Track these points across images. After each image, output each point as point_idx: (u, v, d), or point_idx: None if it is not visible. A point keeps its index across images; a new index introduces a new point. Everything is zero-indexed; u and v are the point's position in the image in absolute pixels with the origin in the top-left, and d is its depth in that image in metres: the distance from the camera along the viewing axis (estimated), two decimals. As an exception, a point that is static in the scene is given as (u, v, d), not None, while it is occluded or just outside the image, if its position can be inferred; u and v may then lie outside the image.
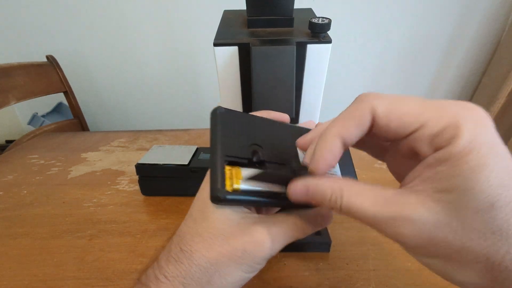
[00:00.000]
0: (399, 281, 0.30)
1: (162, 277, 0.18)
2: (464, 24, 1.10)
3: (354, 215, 0.16)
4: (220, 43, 0.28)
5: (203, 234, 0.19)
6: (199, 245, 0.18)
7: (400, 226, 0.14)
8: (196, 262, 0.18)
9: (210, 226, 0.19)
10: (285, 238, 0.20)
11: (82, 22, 1.11)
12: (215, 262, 0.18)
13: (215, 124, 0.20)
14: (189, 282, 0.18)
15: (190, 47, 1.17)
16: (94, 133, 0.68)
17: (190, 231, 0.19)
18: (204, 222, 0.19)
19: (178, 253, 0.19)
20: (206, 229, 0.19)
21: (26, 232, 0.38)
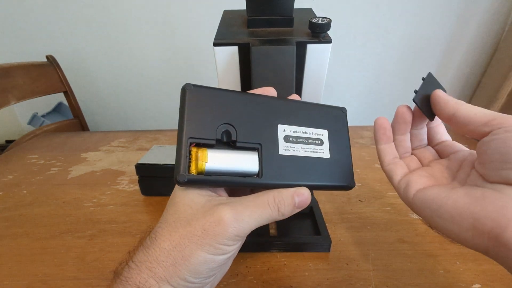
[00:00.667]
0: (399, 281, 0.30)
1: (132, 264, 0.19)
2: (464, 24, 1.10)
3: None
4: (220, 43, 0.28)
5: (169, 219, 0.20)
6: (164, 230, 0.19)
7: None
8: (160, 246, 0.19)
9: (175, 211, 0.20)
10: (254, 217, 0.19)
11: (82, 22, 1.11)
12: (177, 244, 0.18)
13: (183, 103, 0.20)
14: (154, 266, 0.18)
15: (190, 47, 1.17)
16: (94, 133, 0.68)
17: (160, 220, 0.20)
18: (171, 208, 0.20)
19: (147, 239, 0.20)
20: (172, 214, 0.20)
21: (26, 232, 0.38)
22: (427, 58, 1.19)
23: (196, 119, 0.19)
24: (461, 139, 0.60)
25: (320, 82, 0.30)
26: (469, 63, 1.20)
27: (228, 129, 0.20)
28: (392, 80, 1.25)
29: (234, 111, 0.21)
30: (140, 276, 0.18)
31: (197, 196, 0.20)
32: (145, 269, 0.18)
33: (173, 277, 0.18)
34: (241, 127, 0.20)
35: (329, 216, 0.39)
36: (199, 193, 0.20)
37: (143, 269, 0.18)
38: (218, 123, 0.20)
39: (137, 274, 0.18)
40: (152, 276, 0.18)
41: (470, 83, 1.25)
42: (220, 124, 0.20)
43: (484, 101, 1.16)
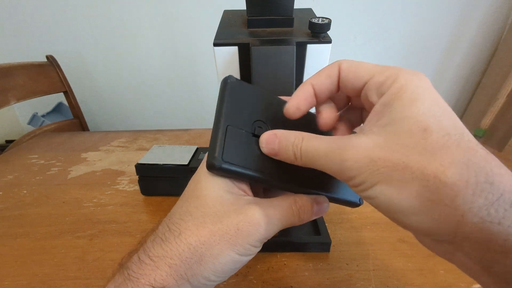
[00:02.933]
0: (399, 281, 0.30)
1: (146, 258, 0.17)
2: (464, 24, 1.10)
3: (311, 157, 0.17)
4: (220, 43, 0.28)
5: (194, 212, 0.18)
6: (189, 223, 0.17)
7: (345, 152, 0.15)
8: (185, 241, 0.17)
9: (201, 204, 0.18)
10: (281, 221, 0.19)
11: (82, 22, 1.11)
12: (206, 240, 0.17)
13: (223, 93, 0.20)
14: (176, 262, 0.17)
15: (190, 47, 1.17)
16: (94, 133, 0.68)
17: (179, 210, 0.18)
18: (195, 201, 0.18)
19: (166, 233, 0.18)
20: (198, 207, 0.18)
21: (26, 232, 0.38)
22: (427, 58, 1.19)
23: (235, 110, 0.20)
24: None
25: (320, 82, 0.30)
26: (469, 63, 1.20)
27: (262, 127, 0.20)
28: (392, 80, 1.25)
29: (270, 111, 0.21)
30: (156, 273, 0.16)
31: (226, 193, 0.19)
32: (164, 265, 0.16)
33: (196, 276, 0.17)
34: (273, 126, 0.21)
35: (329, 216, 0.39)
36: (227, 190, 0.19)
37: (161, 265, 0.16)
38: (254, 118, 0.20)
39: (152, 271, 0.16)
40: (171, 274, 0.16)
41: (470, 83, 1.25)
42: (256, 120, 0.20)
43: (484, 101, 1.16)
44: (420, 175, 0.13)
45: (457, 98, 1.30)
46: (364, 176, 0.15)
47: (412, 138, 0.14)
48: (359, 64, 0.18)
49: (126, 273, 0.17)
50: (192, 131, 0.65)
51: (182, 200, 0.19)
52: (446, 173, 0.13)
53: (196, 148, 0.44)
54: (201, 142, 0.60)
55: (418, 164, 0.13)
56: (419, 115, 0.14)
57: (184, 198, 0.19)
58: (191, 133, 0.64)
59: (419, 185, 0.13)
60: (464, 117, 1.31)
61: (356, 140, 0.15)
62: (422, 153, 0.13)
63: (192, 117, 1.37)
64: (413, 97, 0.15)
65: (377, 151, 0.14)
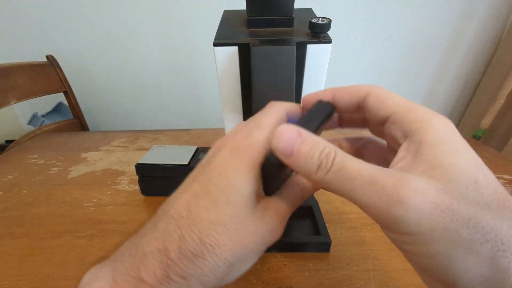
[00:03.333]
0: (399, 281, 0.30)
1: (176, 276, 0.15)
2: (464, 24, 1.10)
3: (345, 179, 0.14)
4: (220, 43, 0.28)
5: (228, 223, 0.16)
6: (225, 237, 0.16)
7: (403, 190, 0.13)
8: (222, 257, 0.16)
9: (235, 214, 0.16)
10: (290, 211, 0.19)
11: (82, 22, 1.11)
12: (240, 255, 0.16)
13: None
14: (210, 279, 0.16)
15: (190, 47, 1.17)
16: (94, 133, 0.68)
17: (210, 218, 0.16)
18: (228, 208, 0.16)
19: (197, 246, 0.15)
20: (232, 217, 0.16)
21: (26, 232, 0.38)
22: (427, 58, 1.19)
23: None
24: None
25: (320, 82, 0.30)
26: (469, 63, 1.19)
27: None
28: (392, 80, 1.25)
29: None
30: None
31: (254, 196, 0.17)
32: (197, 282, 0.15)
33: (221, 285, 0.17)
34: None
35: (329, 216, 0.39)
36: (255, 192, 0.18)
37: (193, 283, 0.15)
38: None
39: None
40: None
41: (470, 83, 1.25)
42: None
43: (484, 101, 1.16)
44: (494, 237, 0.12)
45: (457, 98, 1.30)
46: (425, 228, 0.12)
47: (468, 189, 0.12)
48: (389, 95, 0.17)
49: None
50: (192, 131, 0.65)
51: (209, 201, 0.16)
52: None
53: (196, 148, 0.44)
54: (201, 142, 0.60)
55: (490, 224, 0.12)
56: (466, 165, 0.13)
57: (211, 198, 0.16)
58: (191, 133, 0.64)
59: (492, 250, 0.12)
60: (464, 117, 1.31)
61: (414, 179, 0.13)
62: (487, 210, 0.12)
63: (192, 117, 1.37)
64: (455, 146, 0.14)
65: (444, 198, 0.12)
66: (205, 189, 0.16)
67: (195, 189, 0.17)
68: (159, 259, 0.15)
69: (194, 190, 0.17)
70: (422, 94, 1.29)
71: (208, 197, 0.16)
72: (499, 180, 0.47)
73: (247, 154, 0.17)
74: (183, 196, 0.17)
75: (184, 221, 0.16)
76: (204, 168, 0.18)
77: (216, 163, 0.17)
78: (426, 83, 1.26)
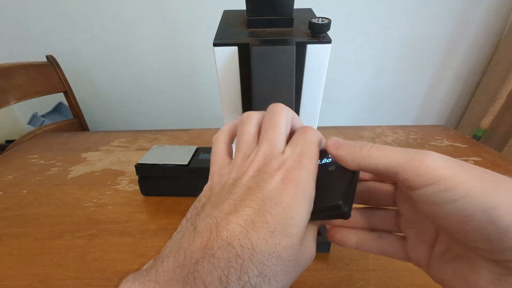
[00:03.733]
0: (399, 281, 0.30)
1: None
2: (464, 24, 1.10)
3: (385, 149, 0.17)
4: (220, 43, 0.28)
5: (283, 256, 0.16)
6: (278, 268, 0.15)
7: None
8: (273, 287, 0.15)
9: (289, 246, 0.16)
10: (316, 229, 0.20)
11: (82, 22, 1.11)
12: (286, 285, 0.16)
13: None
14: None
15: (190, 47, 1.17)
16: (94, 133, 0.68)
17: (269, 250, 0.15)
18: (284, 240, 0.16)
19: (257, 278, 0.15)
20: (285, 249, 0.16)
21: (26, 232, 0.38)
22: (427, 58, 1.19)
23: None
24: (462, 140, 0.60)
25: (320, 82, 0.30)
26: (469, 63, 1.20)
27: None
28: (392, 80, 1.25)
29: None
30: None
31: (305, 228, 0.18)
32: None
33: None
34: None
35: (329, 216, 0.39)
36: (306, 224, 0.18)
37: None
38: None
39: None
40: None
41: (470, 83, 1.25)
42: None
43: (484, 101, 1.16)
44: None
45: (457, 98, 1.30)
46: (453, 170, 0.14)
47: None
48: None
49: None
50: (192, 131, 0.65)
51: (268, 231, 0.16)
52: None
53: (196, 148, 0.44)
54: (201, 142, 0.60)
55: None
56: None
57: (270, 228, 0.16)
58: (191, 133, 0.64)
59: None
60: (464, 117, 1.31)
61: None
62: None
63: (192, 117, 1.37)
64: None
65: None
66: (262, 219, 0.16)
67: (250, 216, 0.16)
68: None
69: (248, 217, 0.16)
70: (422, 94, 1.29)
71: (266, 227, 0.16)
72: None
73: (300, 186, 0.17)
74: (236, 220, 0.16)
75: (246, 252, 0.15)
76: (256, 194, 0.17)
77: (270, 192, 0.17)
78: (426, 83, 1.26)
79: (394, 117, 1.34)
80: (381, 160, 0.16)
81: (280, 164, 0.18)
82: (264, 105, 0.28)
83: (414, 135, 0.62)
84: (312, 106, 0.33)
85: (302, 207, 0.17)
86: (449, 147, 0.57)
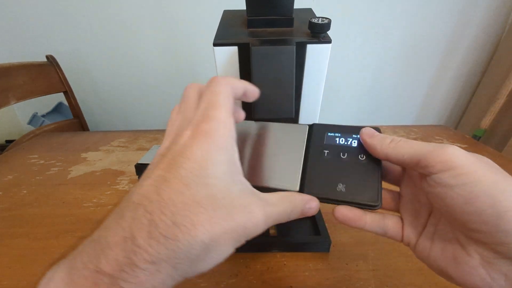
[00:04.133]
0: (399, 281, 0.30)
1: (143, 262, 0.14)
2: (464, 24, 1.10)
3: (411, 142, 0.19)
4: (220, 43, 0.28)
5: (204, 204, 0.15)
6: (201, 217, 0.15)
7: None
8: (198, 239, 0.15)
9: (211, 195, 0.16)
10: (275, 220, 0.19)
11: (82, 22, 1.11)
12: (217, 238, 0.15)
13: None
14: (182, 262, 0.15)
15: (190, 47, 1.17)
16: (94, 133, 0.68)
17: (183, 199, 0.15)
18: (203, 189, 0.16)
19: (170, 228, 0.14)
20: (207, 198, 0.16)
21: (26, 232, 0.38)
22: (427, 58, 1.19)
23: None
24: (462, 140, 0.60)
25: (320, 82, 0.30)
26: (469, 63, 1.20)
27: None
28: (392, 80, 1.25)
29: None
30: (155, 279, 0.14)
31: (232, 182, 0.17)
32: (168, 267, 0.14)
33: (195, 272, 0.16)
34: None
35: (329, 216, 0.39)
36: (233, 178, 0.18)
37: (164, 267, 0.14)
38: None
39: (151, 276, 0.14)
40: (172, 275, 0.15)
41: (470, 83, 1.25)
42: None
43: (484, 101, 1.16)
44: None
45: (457, 98, 1.30)
46: (468, 160, 0.17)
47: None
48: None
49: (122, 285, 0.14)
50: (192, 131, 0.65)
51: (179, 183, 0.16)
52: None
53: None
54: (201, 142, 0.60)
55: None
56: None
57: (184, 181, 0.16)
58: (191, 133, 0.64)
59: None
60: (464, 117, 1.31)
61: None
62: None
63: (192, 117, 1.36)
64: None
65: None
66: (174, 174, 0.16)
67: (162, 175, 0.16)
68: (122, 248, 0.14)
69: (160, 175, 0.16)
70: (422, 94, 1.29)
71: (179, 181, 0.16)
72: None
73: (211, 137, 0.17)
74: (148, 182, 0.16)
75: (154, 206, 0.15)
76: (167, 156, 0.17)
77: (181, 150, 0.17)
78: (426, 83, 1.26)
79: (394, 117, 1.34)
80: (406, 151, 0.19)
81: (188, 122, 0.18)
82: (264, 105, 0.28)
83: (414, 135, 0.62)
84: (312, 106, 0.33)
85: (217, 157, 0.17)
86: (449, 147, 0.57)
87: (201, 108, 0.18)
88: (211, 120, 0.17)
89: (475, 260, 0.17)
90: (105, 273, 0.14)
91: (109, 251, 0.14)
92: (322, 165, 0.23)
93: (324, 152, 0.24)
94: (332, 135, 0.24)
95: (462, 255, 0.18)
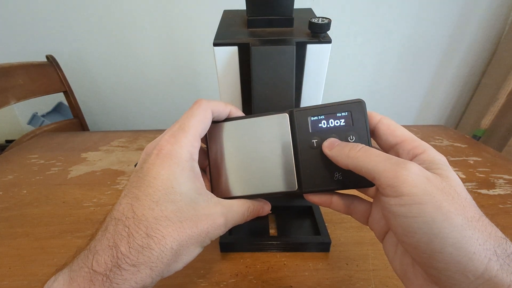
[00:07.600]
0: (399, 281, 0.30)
1: (126, 265, 0.17)
2: (464, 24, 1.10)
3: (372, 153, 0.19)
4: (220, 43, 0.28)
5: (172, 217, 0.19)
6: (169, 229, 0.19)
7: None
8: (168, 246, 0.18)
9: (178, 209, 0.19)
10: (234, 223, 0.23)
11: (82, 22, 1.11)
12: (185, 243, 0.19)
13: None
14: (157, 265, 0.18)
15: (190, 47, 1.17)
16: (94, 133, 0.68)
17: (153, 214, 0.19)
18: (169, 205, 0.19)
19: (145, 239, 0.18)
20: (175, 213, 0.19)
21: (26, 232, 0.38)
22: (427, 58, 1.19)
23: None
24: (462, 140, 0.60)
25: (320, 82, 0.30)
26: (469, 63, 1.20)
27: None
28: (392, 80, 1.25)
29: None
30: (137, 277, 0.18)
31: (195, 195, 0.21)
32: (146, 269, 0.18)
33: (170, 271, 0.19)
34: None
35: (329, 216, 0.39)
36: (197, 192, 0.21)
37: (142, 269, 0.18)
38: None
39: (133, 275, 0.18)
40: (150, 275, 0.18)
41: (470, 83, 1.25)
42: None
43: (484, 101, 1.16)
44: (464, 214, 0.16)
45: (457, 98, 1.30)
46: (419, 189, 0.16)
47: (459, 195, 0.17)
48: (397, 126, 0.22)
49: (108, 283, 0.17)
50: (192, 131, 0.65)
51: (151, 201, 0.19)
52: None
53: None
54: (201, 142, 0.60)
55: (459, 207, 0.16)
56: (455, 180, 0.17)
57: (152, 199, 0.19)
58: (191, 133, 0.64)
59: (463, 223, 0.15)
60: (464, 117, 1.31)
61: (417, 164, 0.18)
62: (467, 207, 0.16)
63: (192, 117, 1.36)
64: (447, 167, 0.18)
65: (435, 180, 0.17)
66: (145, 193, 0.19)
67: (135, 193, 0.20)
68: (109, 254, 0.18)
69: (134, 194, 0.20)
70: (422, 94, 1.29)
71: (149, 199, 0.19)
72: (499, 180, 0.47)
73: (173, 159, 0.20)
74: (125, 201, 0.20)
75: (130, 221, 0.18)
76: (139, 175, 0.20)
77: (149, 169, 0.20)
78: (426, 83, 1.26)
79: (394, 117, 1.33)
80: (364, 164, 0.19)
81: (157, 143, 0.21)
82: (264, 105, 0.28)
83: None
84: (312, 106, 0.33)
85: (181, 176, 0.20)
86: (449, 147, 0.57)
87: (172, 129, 0.22)
88: (176, 143, 0.21)
89: (419, 281, 0.18)
90: (98, 272, 0.17)
91: (98, 257, 0.18)
92: (314, 157, 0.23)
93: (313, 142, 0.23)
94: (315, 119, 0.23)
95: (411, 272, 0.19)
